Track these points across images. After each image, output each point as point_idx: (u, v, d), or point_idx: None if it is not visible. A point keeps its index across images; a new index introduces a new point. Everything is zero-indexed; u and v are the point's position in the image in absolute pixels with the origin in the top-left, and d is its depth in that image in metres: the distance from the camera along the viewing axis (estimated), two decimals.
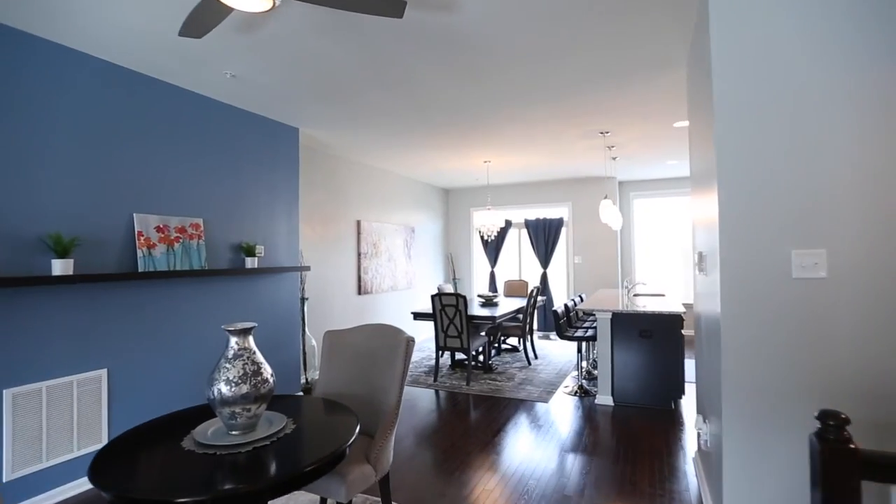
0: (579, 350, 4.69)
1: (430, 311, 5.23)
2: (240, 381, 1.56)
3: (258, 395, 1.59)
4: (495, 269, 8.42)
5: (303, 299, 4.76)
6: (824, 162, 1.81)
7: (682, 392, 3.98)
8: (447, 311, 4.92)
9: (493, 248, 8.39)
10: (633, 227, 8.03)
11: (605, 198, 5.27)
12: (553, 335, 7.84)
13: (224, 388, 1.54)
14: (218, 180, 3.69)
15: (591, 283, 7.80)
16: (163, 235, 3.20)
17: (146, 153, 3.16)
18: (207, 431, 1.63)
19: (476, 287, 8.68)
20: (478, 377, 5.16)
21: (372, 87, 3.49)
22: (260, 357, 1.66)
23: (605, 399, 4.20)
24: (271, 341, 4.17)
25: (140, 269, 3.01)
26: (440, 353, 5.11)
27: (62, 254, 2.58)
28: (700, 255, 2.53)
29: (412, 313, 5.39)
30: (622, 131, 4.78)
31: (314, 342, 4.82)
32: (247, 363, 1.60)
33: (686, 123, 4.47)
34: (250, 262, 3.82)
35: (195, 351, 3.45)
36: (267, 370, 1.65)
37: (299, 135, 4.65)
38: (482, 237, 8.42)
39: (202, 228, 3.48)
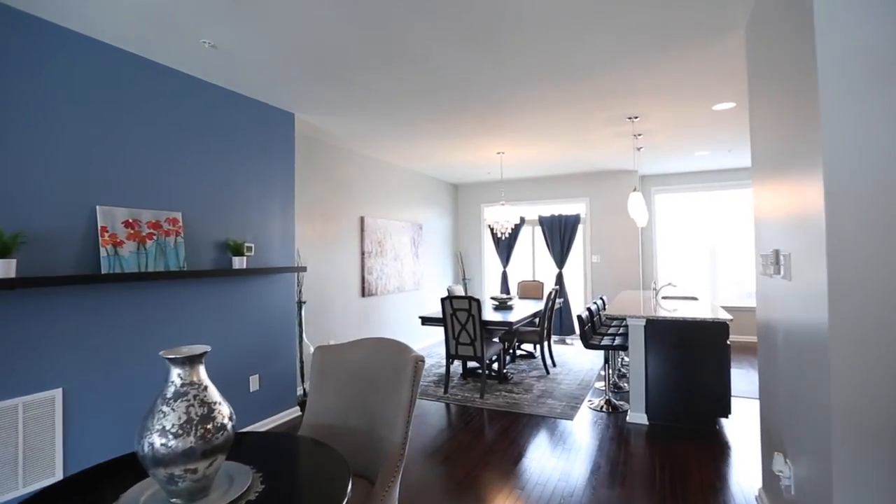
0: (607, 360, 4.21)
1: (440, 315, 4.78)
2: (181, 432, 1.11)
3: (209, 449, 1.14)
4: (507, 269, 7.95)
5: (300, 303, 4.32)
6: None
7: (727, 411, 3.49)
8: (459, 315, 4.46)
9: (506, 246, 7.92)
10: (655, 224, 7.52)
11: (635, 190, 4.77)
12: (571, 339, 7.36)
13: (158, 442, 1.09)
14: (201, 170, 3.26)
15: (609, 283, 7.30)
16: (132, 231, 2.77)
17: (114, 136, 2.73)
18: (140, 498, 1.19)
19: (487, 288, 8.22)
20: (492, 388, 4.70)
21: (375, 65, 3.04)
22: (214, 394, 1.21)
23: (638, 417, 3.72)
24: (264, 350, 3.73)
25: (104, 271, 2.58)
26: (451, 361, 4.66)
27: (2, 253, 2.15)
28: (776, 254, 2.05)
29: (420, 318, 4.94)
30: (653, 115, 4.29)
31: (312, 350, 4.37)
32: (193, 405, 1.15)
33: (730, 105, 3.97)
34: (238, 263, 3.39)
35: None
36: (223, 412, 1.20)
37: (295, 121, 4.21)
38: (494, 234, 7.96)
39: (181, 224, 3.05)
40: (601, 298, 5.76)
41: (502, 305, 5.53)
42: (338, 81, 3.37)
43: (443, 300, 4.48)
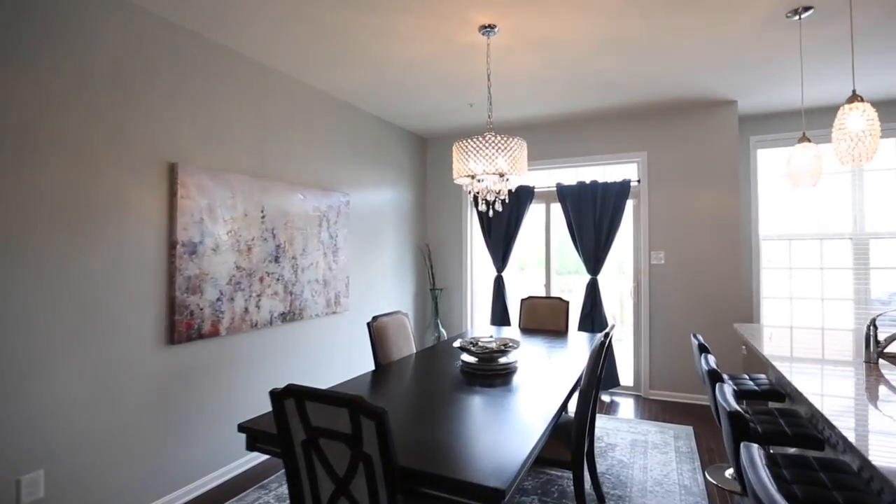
0: None
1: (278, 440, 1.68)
2: None
3: None
4: (505, 274, 4.86)
5: None
6: None
7: None
8: (329, 451, 1.36)
9: (503, 235, 4.80)
10: (755, 197, 4.42)
11: (858, 98, 1.59)
12: (607, 395, 4.25)
13: None
14: None
15: (688, 304, 4.18)
16: None
17: None
18: None
19: (473, 303, 5.10)
20: None
21: None
22: None
23: None
24: None
25: None
26: None
27: None
28: None
29: (239, 427, 1.83)
30: None
31: None
32: None
33: None
34: None
35: None
36: None
37: None
38: (481, 212, 4.85)
39: None
40: (697, 340, 2.68)
41: (486, 365, 2.42)
42: None
43: (274, 397, 1.39)
